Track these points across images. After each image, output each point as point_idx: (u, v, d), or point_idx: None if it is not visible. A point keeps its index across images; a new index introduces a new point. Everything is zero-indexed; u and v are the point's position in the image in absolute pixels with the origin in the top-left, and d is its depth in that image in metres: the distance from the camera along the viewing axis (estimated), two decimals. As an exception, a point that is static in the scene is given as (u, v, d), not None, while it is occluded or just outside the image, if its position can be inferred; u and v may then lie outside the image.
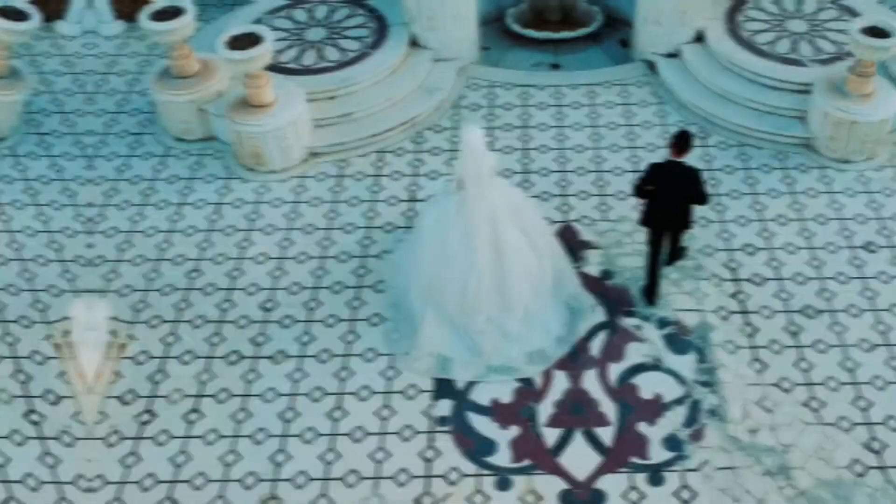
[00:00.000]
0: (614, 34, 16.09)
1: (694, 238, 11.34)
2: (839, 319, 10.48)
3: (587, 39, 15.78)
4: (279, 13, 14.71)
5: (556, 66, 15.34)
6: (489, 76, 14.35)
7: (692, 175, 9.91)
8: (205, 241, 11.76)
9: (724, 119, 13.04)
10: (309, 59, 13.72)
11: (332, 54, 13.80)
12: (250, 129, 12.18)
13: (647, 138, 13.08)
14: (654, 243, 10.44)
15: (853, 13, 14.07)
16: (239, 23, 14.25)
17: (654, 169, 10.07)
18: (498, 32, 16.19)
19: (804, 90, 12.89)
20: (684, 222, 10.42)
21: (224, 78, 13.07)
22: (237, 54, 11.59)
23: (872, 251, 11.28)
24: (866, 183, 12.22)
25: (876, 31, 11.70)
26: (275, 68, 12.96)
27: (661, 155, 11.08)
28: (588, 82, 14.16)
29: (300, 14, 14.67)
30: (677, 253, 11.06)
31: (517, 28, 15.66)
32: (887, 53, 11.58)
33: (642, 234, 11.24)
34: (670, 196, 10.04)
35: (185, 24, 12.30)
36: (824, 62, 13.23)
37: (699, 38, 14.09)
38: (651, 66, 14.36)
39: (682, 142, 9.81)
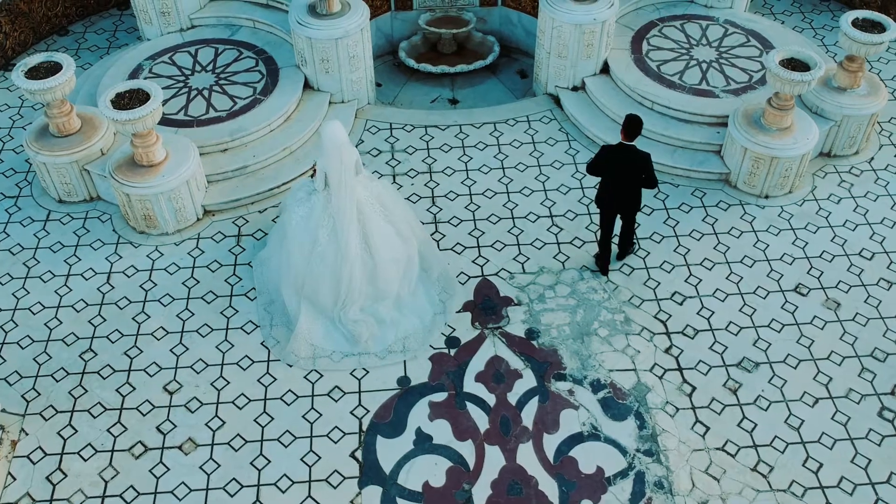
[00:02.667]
0: (512, 64, 15.77)
1: (619, 289, 11.07)
2: (778, 371, 10.27)
3: (484, 70, 15.40)
4: (161, 58, 13.87)
5: (454, 102, 14.92)
6: (388, 117, 13.79)
7: (643, 159, 10.35)
8: (97, 317, 10.93)
9: (637, 155, 12.71)
10: (197, 108, 12.93)
11: (222, 102, 13.03)
12: (140, 191, 11.37)
13: (560, 179, 12.71)
14: (607, 225, 11.00)
15: (760, 38, 14.03)
16: (118, 70, 13.46)
17: (606, 151, 10.55)
18: (391, 67, 15.70)
19: (718, 122, 12.76)
20: (635, 203, 10.76)
21: (108, 134, 12.20)
22: (124, 114, 10.77)
23: (803, 294, 11.14)
24: (789, 219, 12.11)
25: (794, 63, 11.57)
26: (161, 120, 12.22)
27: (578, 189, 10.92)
28: (491, 120, 13.73)
29: (184, 58, 13.86)
30: (628, 245, 11.33)
31: (412, 63, 15.16)
32: (808, 87, 11.42)
33: (565, 288, 11.01)
34: (621, 178, 10.49)
35: (64, 82, 11.39)
36: (736, 92, 13.09)
37: (605, 68, 13.82)
38: (556, 99, 14.02)
39: (631, 127, 10.25)
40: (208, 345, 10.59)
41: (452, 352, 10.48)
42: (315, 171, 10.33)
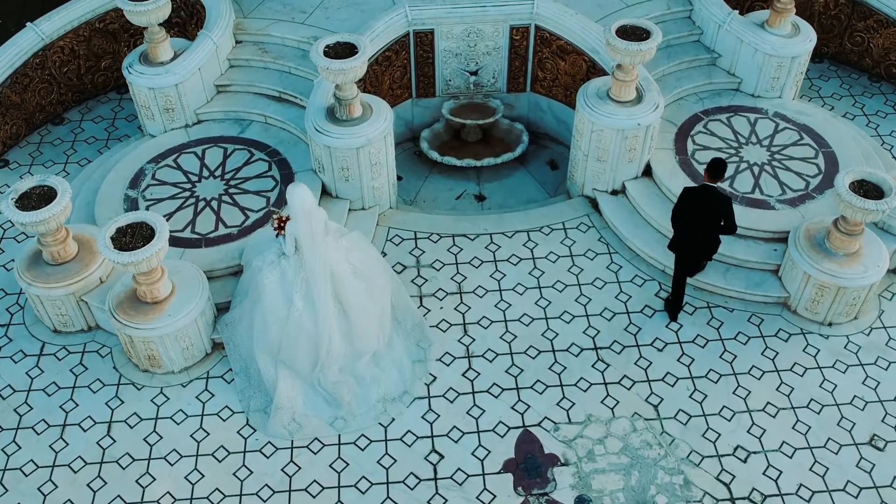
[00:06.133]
0: (541, 152, 14.67)
1: (675, 443, 9.98)
2: (858, 551, 9.16)
3: (513, 161, 14.26)
4: (165, 160, 12.71)
5: (481, 198, 13.81)
6: (412, 224, 12.62)
7: (724, 203, 10.17)
8: (97, 479, 9.80)
9: (685, 275, 11.53)
10: (205, 223, 11.77)
11: (232, 216, 11.88)
12: (144, 333, 10.25)
13: (603, 301, 11.58)
14: (682, 266, 10.93)
15: (813, 134, 12.91)
16: (118, 175, 12.43)
17: (687, 193, 10.41)
18: (412, 156, 14.59)
19: (775, 238, 11.66)
20: (710, 248, 10.65)
21: (107, 261, 11.05)
22: (126, 256, 9.63)
23: (880, 448, 10.01)
24: (857, 352, 10.99)
25: (866, 186, 10.48)
26: (166, 242, 11.09)
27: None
28: (524, 228, 12.56)
29: (190, 161, 12.70)
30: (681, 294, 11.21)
31: (435, 156, 14.03)
32: (882, 215, 10.32)
33: (616, 442, 9.95)
34: (700, 220, 10.34)
35: (59, 212, 10.24)
36: (793, 202, 11.95)
37: (647, 170, 12.70)
38: (593, 202, 12.90)
39: (716, 169, 10.17)
40: (221, 516, 9.49)
41: (494, 525, 9.38)
42: (275, 225, 10.16)
